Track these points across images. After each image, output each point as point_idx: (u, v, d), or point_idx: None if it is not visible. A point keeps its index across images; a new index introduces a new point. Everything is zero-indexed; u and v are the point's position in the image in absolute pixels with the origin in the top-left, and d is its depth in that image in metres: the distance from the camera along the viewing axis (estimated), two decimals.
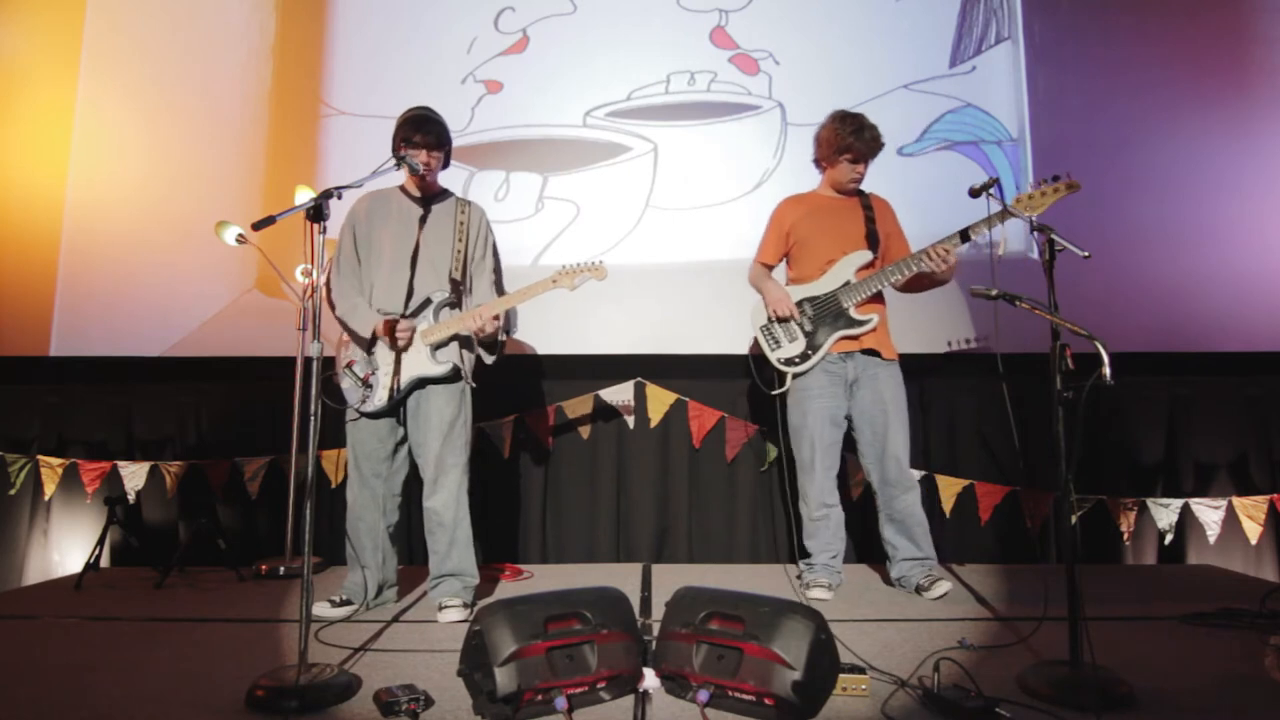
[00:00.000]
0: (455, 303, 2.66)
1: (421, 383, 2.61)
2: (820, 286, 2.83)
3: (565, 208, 3.78)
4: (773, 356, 2.85)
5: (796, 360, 2.81)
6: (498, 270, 2.81)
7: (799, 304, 2.83)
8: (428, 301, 2.62)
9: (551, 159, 3.81)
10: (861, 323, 2.79)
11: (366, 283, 2.67)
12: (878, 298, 2.85)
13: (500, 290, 2.80)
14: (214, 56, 3.90)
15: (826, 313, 2.81)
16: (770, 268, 2.97)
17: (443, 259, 2.66)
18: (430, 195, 2.73)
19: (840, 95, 3.72)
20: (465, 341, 2.68)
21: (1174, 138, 3.70)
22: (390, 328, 2.55)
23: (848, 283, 2.80)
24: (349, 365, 2.65)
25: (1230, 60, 3.74)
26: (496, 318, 2.57)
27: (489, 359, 2.70)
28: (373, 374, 2.61)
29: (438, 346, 2.60)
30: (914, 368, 2.91)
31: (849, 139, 2.78)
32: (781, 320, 2.83)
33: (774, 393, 2.88)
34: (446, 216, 2.71)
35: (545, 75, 3.84)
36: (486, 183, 3.79)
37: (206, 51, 3.90)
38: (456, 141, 2.80)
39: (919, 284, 2.85)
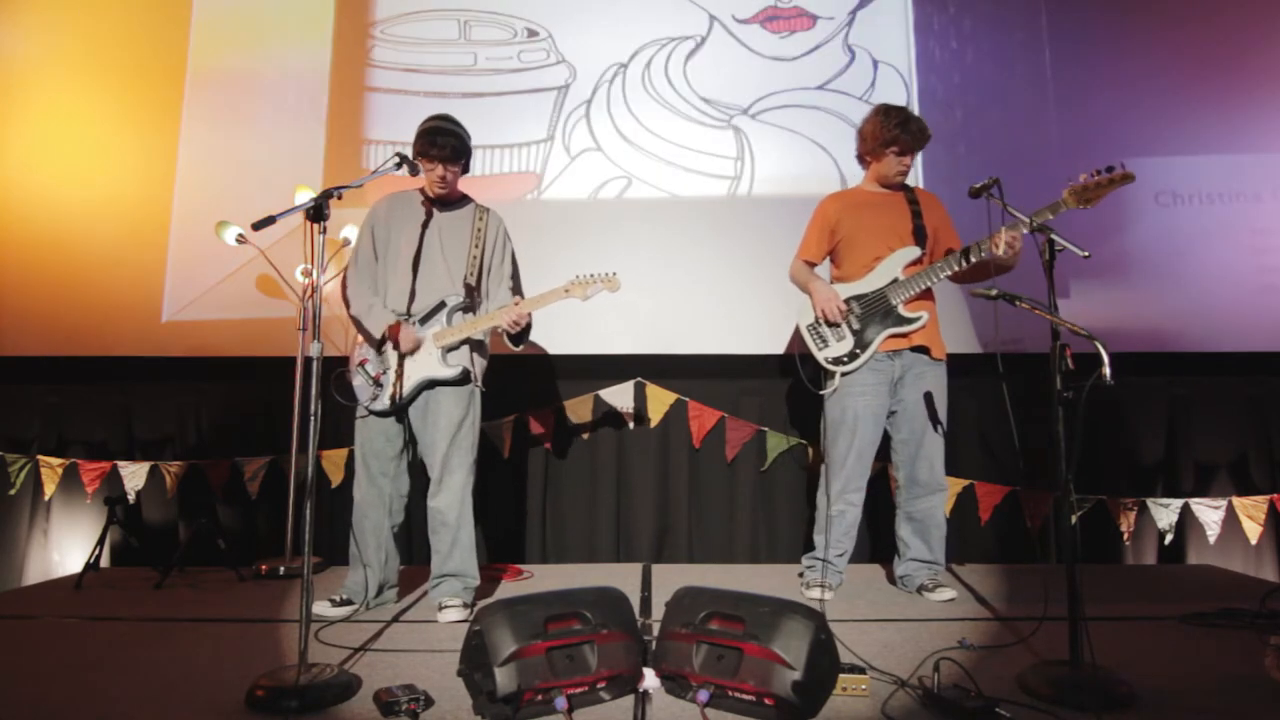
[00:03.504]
0: (469, 307, 2.67)
1: (431, 384, 2.62)
2: (867, 284, 2.79)
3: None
4: (820, 356, 2.81)
5: (845, 359, 2.77)
6: (515, 277, 2.83)
7: (846, 302, 2.78)
8: (441, 305, 2.64)
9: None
10: (911, 320, 2.74)
11: (382, 283, 2.68)
12: (927, 294, 2.79)
13: (518, 293, 2.82)
14: (217, 57, 3.91)
15: (875, 311, 2.76)
16: (813, 265, 2.93)
17: (458, 264, 2.68)
18: (449, 200, 2.74)
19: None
20: (476, 345, 2.70)
21: (1174, 137, 3.70)
22: (397, 331, 2.56)
23: (896, 279, 2.76)
24: (361, 363, 2.66)
25: (1231, 61, 3.73)
26: (516, 322, 2.58)
27: (515, 347, 2.73)
28: (384, 373, 2.62)
29: (449, 350, 2.61)
30: None
31: (895, 131, 2.74)
32: (830, 321, 2.79)
33: (822, 393, 2.84)
34: (464, 222, 2.72)
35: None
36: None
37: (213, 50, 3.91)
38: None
39: (980, 272, 2.74)
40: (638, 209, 3.77)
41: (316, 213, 2.00)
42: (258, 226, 2.00)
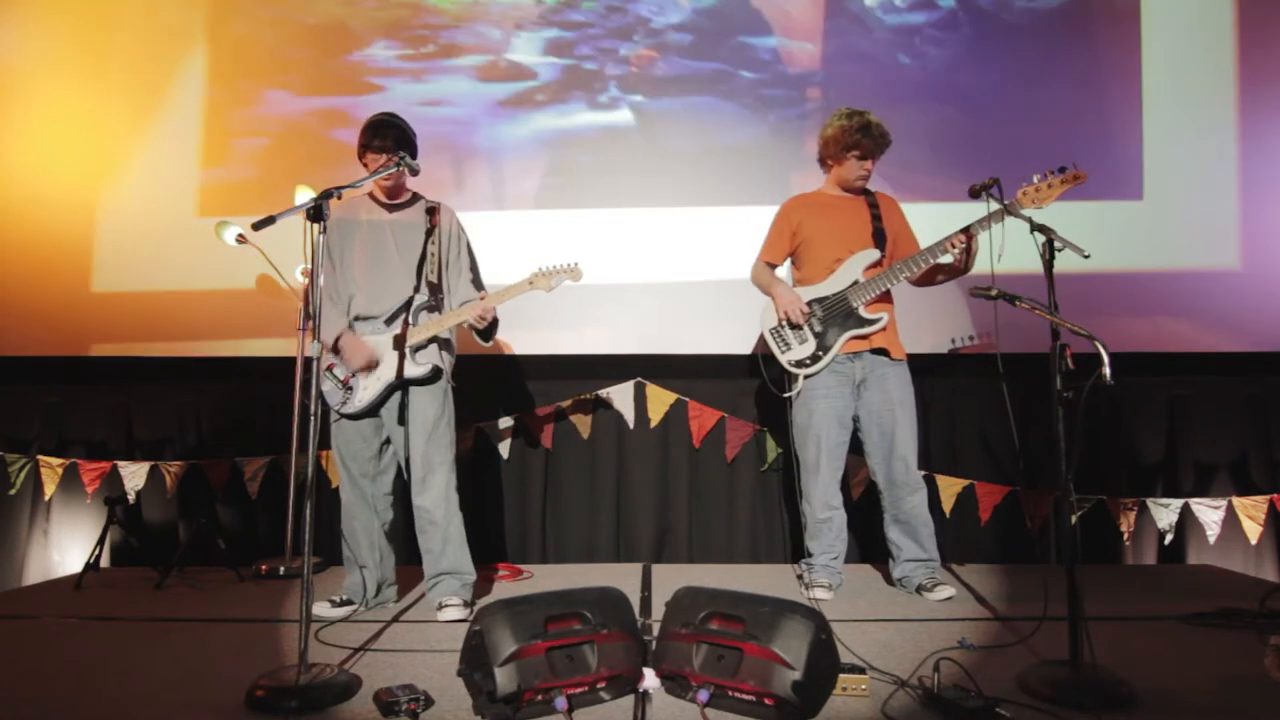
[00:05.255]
0: (434, 306, 2.66)
1: (402, 384, 2.61)
2: (828, 287, 2.82)
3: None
4: (783, 359, 2.83)
5: (807, 362, 2.79)
6: (474, 268, 2.81)
7: (808, 305, 2.81)
8: (406, 305, 2.63)
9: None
10: (871, 322, 2.77)
11: (345, 292, 2.67)
12: (886, 297, 2.83)
13: (479, 285, 2.80)
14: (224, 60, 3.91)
15: (836, 313, 2.79)
16: (774, 267, 2.96)
17: (417, 263, 2.67)
18: (399, 200, 2.73)
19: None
20: (444, 343, 2.70)
21: (1172, 137, 3.69)
22: (346, 342, 2.56)
23: (856, 282, 2.78)
24: (329, 368, 2.66)
25: (1229, 60, 3.73)
26: (482, 317, 2.58)
27: (484, 343, 2.71)
28: (353, 376, 2.61)
29: (417, 349, 2.61)
30: (914, 368, 2.90)
31: (856, 135, 2.77)
32: (792, 323, 2.81)
33: (785, 395, 2.86)
34: (418, 220, 2.71)
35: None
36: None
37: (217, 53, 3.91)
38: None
39: (933, 276, 2.84)
40: (638, 209, 3.77)
41: (316, 213, 2.00)
42: (258, 226, 2.00)
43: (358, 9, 3.89)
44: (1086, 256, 2.10)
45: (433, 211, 2.73)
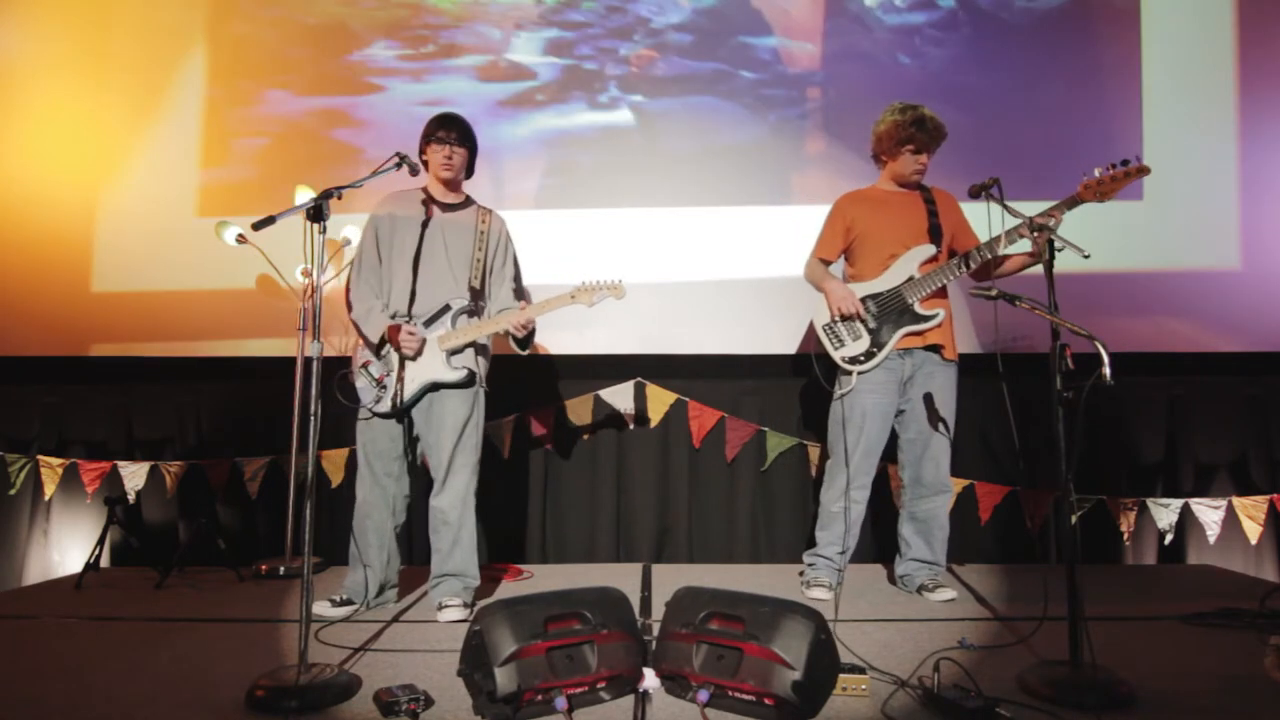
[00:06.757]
0: (473, 311, 2.67)
1: (435, 386, 2.62)
2: (883, 283, 2.78)
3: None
4: (836, 355, 2.80)
5: (861, 358, 2.76)
6: (518, 278, 2.84)
7: (861, 301, 2.77)
8: (446, 308, 2.64)
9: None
10: (927, 318, 2.74)
11: (386, 283, 2.68)
12: (942, 293, 2.79)
13: (521, 294, 2.83)
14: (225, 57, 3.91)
15: (891, 309, 2.75)
16: (828, 263, 2.92)
17: (462, 266, 2.68)
18: (453, 200, 2.75)
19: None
20: (480, 348, 2.70)
21: (1172, 137, 3.69)
22: (396, 333, 2.56)
23: (911, 278, 2.75)
24: (365, 365, 2.66)
25: (1229, 60, 3.73)
26: (523, 326, 2.60)
27: (521, 352, 2.72)
28: (387, 375, 2.62)
29: (453, 352, 2.61)
30: None
31: (910, 129, 2.73)
32: (846, 318, 2.79)
33: (840, 393, 2.83)
34: (468, 223, 2.73)
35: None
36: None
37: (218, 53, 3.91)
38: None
39: (991, 269, 2.77)
40: (638, 209, 3.77)
41: (316, 213, 2.00)
42: (258, 226, 2.00)
43: (358, 9, 3.89)
44: (1086, 256, 2.10)
45: (484, 217, 2.75)
